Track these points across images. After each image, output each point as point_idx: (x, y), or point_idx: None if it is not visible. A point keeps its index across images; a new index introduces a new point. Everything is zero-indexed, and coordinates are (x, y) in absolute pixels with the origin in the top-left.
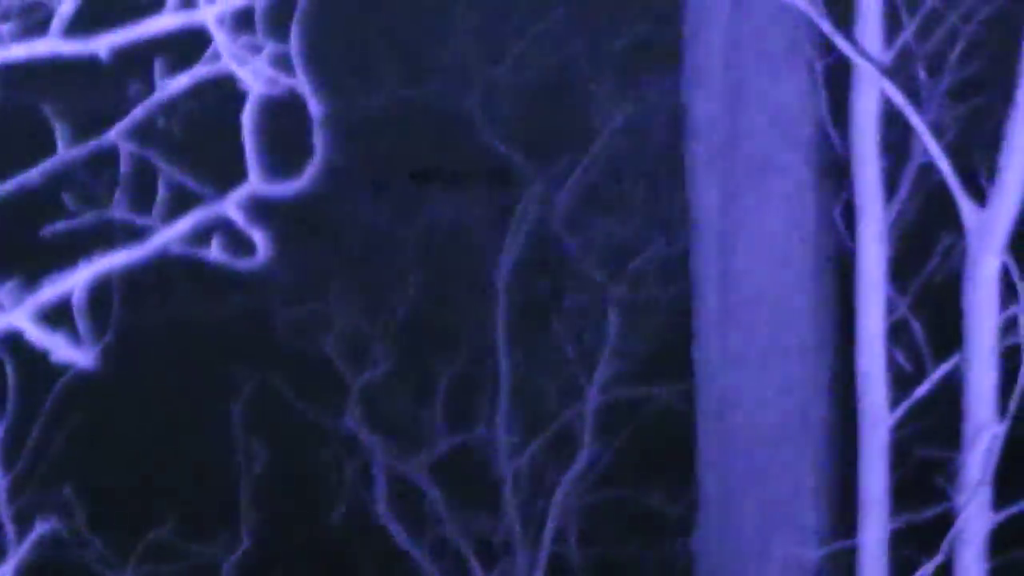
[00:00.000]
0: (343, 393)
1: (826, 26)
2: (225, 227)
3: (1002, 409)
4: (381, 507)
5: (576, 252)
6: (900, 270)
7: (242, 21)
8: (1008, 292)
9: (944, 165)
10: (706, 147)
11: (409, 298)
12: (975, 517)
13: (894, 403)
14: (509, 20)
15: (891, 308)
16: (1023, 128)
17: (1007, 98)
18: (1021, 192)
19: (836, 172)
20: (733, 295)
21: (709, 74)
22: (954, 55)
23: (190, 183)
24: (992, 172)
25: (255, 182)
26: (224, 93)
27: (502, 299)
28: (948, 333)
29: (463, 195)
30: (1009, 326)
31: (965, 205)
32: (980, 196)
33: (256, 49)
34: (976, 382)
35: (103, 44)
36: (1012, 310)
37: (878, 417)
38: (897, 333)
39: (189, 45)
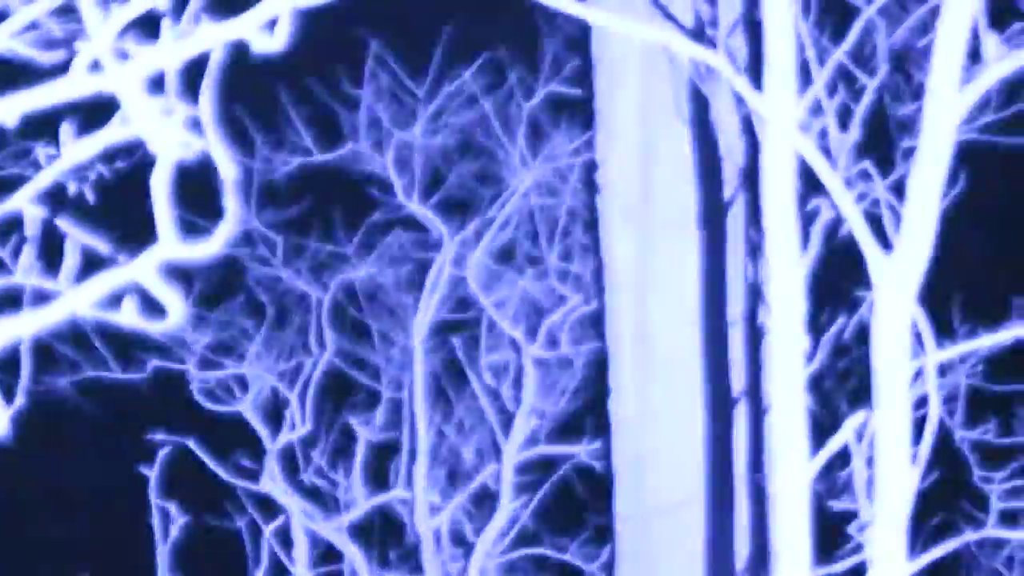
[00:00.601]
0: (260, 454)
1: (737, 82)
2: (138, 290)
3: (914, 458)
4: (300, 569)
5: (493, 310)
6: (816, 322)
7: (153, 85)
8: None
9: (852, 216)
10: (620, 204)
11: (326, 359)
12: (888, 567)
13: (810, 455)
14: (421, 80)
15: (808, 360)
16: (925, 176)
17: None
18: (926, 242)
19: (751, 226)
20: (650, 351)
21: (623, 131)
22: (861, 108)
23: (100, 246)
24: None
25: (167, 245)
26: (137, 157)
27: (419, 358)
28: (864, 384)
29: (379, 255)
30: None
31: (872, 255)
32: (890, 246)
33: (167, 112)
34: (887, 432)
35: (8, 109)
36: (920, 360)
37: (796, 470)
38: (813, 385)
39: (100, 108)
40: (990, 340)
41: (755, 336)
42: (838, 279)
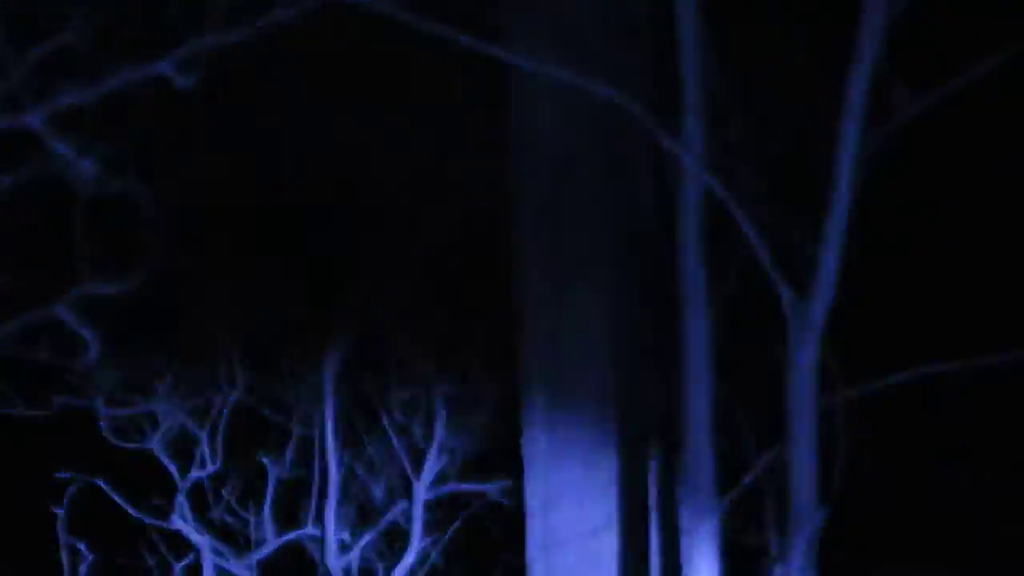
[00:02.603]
0: (171, 492)
1: (651, 123)
2: (54, 328)
3: (823, 495)
4: None
5: (403, 348)
6: (727, 360)
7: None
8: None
9: (765, 256)
10: (532, 243)
11: (238, 396)
12: None
13: (720, 492)
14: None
15: (718, 397)
16: (837, 220)
17: (826, 191)
18: (835, 283)
19: (662, 266)
20: (559, 390)
21: (535, 177)
22: (776, 150)
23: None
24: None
25: (86, 282)
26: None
27: (329, 397)
28: (774, 421)
29: (290, 294)
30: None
31: (786, 295)
32: (801, 287)
33: (87, 150)
34: (798, 468)
35: None
36: (828, 398)
37: (706, 506)
38: (723, 422)
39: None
40: (899, 378)
41: (667, 372)
42: (752, 318)
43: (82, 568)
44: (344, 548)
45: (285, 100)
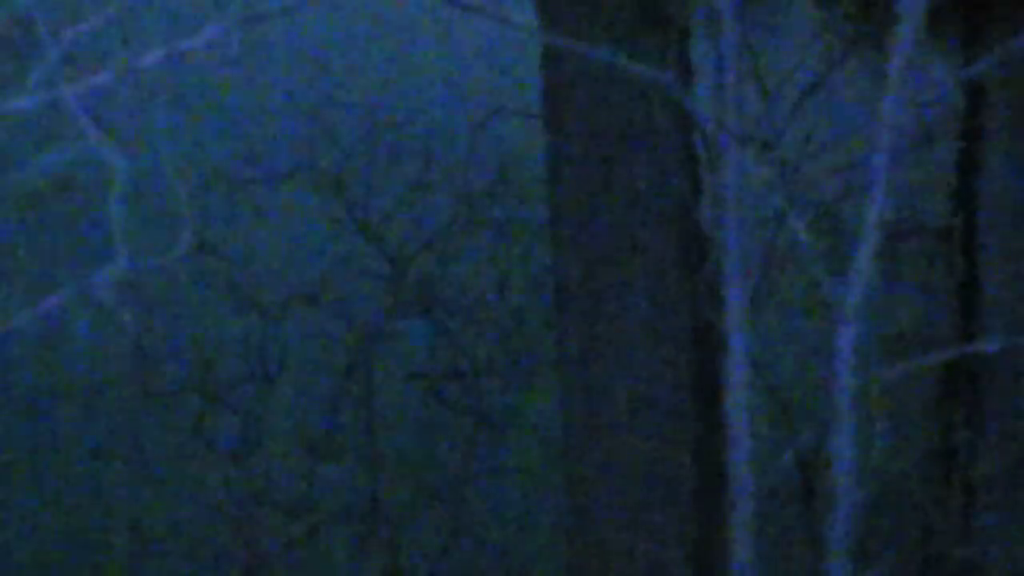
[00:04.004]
0: None
1: (687, 102)
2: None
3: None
4: None
5: None
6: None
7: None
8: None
9: (804, 237)
10: (570, 222)
11: None
12: None
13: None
14: None
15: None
16: (876, 203)
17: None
18: (871, 267)
19: (699, 247)
20: (596, 368)
21: (572, 150)
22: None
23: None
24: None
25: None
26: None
27: None
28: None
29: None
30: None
31: (823, 278)
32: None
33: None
34: (840, 450)
35: None
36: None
37: (746, 483)
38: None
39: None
40: (937, 358)
41: (699, 352)
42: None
43: None
44: None
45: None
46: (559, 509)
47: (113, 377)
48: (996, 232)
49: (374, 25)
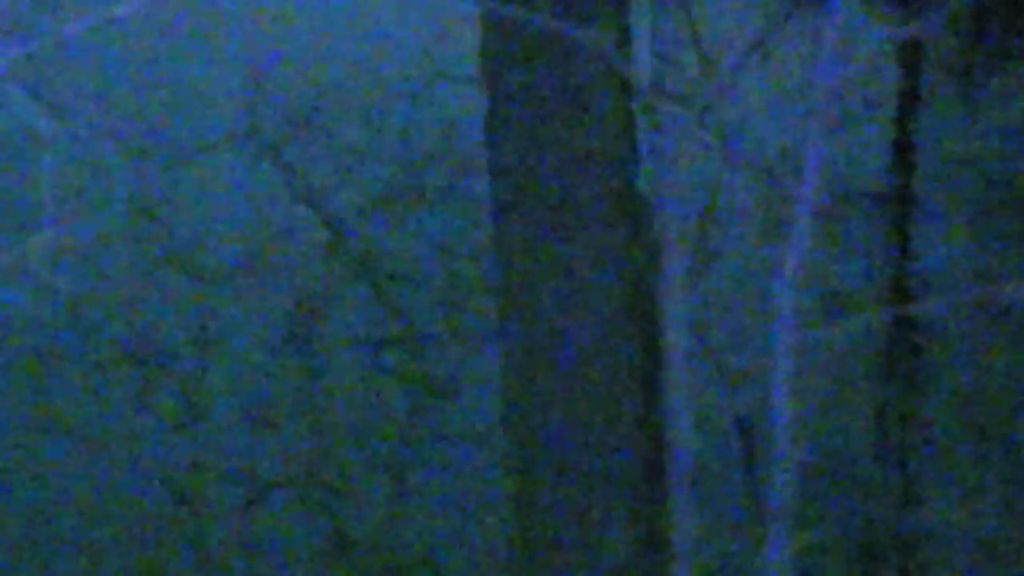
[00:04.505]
0: None
1: (625, 65)
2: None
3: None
4: None
5: None
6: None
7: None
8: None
9: (743, 201)
10: (509, 186)
11: None
12: (776, 547)
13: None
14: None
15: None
16: (812, 166)
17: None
18: (809, 231)
19: (639, 212)
20: (537, 334)
21: (510, 113)
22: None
23: None
24: None
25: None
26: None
27: None
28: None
29: None
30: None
31: (762, 242)
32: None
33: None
34: (779, 413)
35: None
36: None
37: (686, 451)
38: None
39: None
40: (875, 319)
41: (642, 321)
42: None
43: None
44: None
45: None
46: (503, 476)
47: (49, 347)
48: (932, 196)
49: None
